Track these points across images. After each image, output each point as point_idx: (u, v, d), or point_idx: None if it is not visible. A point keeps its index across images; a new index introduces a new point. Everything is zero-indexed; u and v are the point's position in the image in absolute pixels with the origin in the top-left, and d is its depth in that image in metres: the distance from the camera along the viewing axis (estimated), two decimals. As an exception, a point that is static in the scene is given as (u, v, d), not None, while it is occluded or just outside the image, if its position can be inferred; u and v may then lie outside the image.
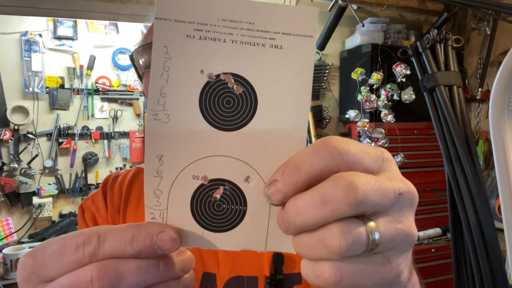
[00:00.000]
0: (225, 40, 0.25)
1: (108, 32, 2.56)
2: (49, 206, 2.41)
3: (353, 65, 2.25)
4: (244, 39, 0.26)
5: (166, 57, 0.25)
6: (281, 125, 0.26)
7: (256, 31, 0.25)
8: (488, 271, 1.37)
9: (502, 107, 1.12)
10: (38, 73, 2.37)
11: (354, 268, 0.24)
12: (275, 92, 0.26)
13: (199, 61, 0.26)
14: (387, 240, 0.24)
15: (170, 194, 0.27)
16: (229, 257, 0.59)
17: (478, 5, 1.55)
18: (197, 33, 0.25)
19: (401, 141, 2.10)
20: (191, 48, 0.25)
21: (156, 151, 0.26)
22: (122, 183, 0.68)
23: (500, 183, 1.12)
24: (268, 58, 0.26)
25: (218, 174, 0.27)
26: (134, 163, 2.63)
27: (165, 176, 0.27)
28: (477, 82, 2.45)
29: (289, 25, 0.26)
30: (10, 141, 2.33)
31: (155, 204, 0.27)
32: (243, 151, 0.27)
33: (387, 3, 2.34)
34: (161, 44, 0.25)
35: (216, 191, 0.27)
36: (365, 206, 0.23)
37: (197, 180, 0.27)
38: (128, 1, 1.88)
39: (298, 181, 0.24)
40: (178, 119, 0.26)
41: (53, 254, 0.25)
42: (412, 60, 1.62)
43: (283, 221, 0.25)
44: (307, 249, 0.24)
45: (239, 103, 0.26)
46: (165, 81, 0.26)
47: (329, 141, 0.24)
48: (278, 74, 0.26)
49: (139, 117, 2.65)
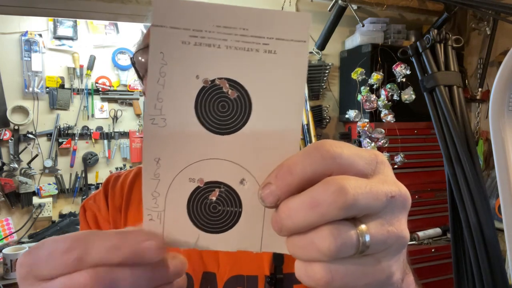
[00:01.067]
0: (220, 46, 0.26)
1: (108, 32, 2.56)
2: (49, 206, 2.41)
3: (353, 65, 2.25)
4: (239, 45, 0.26)
5: (162, 63, 0.26)
6: (275, 129, 0.27)
7: (250, 37, 0.26)
8: (488, 271, 1.37)
9: (502, 107, 1.12)
10: (38, 73, 2.37)
11: (346, 269, 0.24)
12: (269, 96, 0.27)
13: (194, 67, 0.26)
14: (378, 242, 0.24)
15: (167, 196, 0.28)
16: (229, 256, 0.59)
17: (478, 5, 1.55)
18: (193, 39, 0.26)
19: (401, 141, 2.10)
20: (186, 54, 0.26)
21: (153, 154, 0.27)
22: (124, 183, 0.68)
23: (500, 183, 1.12)
24: (262, 63, 0.26)
25: (214, 177, 0.28)
26: (134, 163, 2.64)
27: (162, 179, 0.27)
28: (477, 82, 2.45)
29: (282, 31, 0.26)
30: (10, 141, 2.33)
31: (153, 206, 0.28)
32: (238, 154, 0.27)
33: (387, 3, 2.34)
34: (157, 50, 0.26)
35: (212, 193, 0.28)
36: (355, 209, 0.24)
37: (193, 182, 0.28)
38: (128, 1, 1.88)
39: (291, 184, 0.25)
40: (174, 123, 0.27)
41: (45, 255, 0.26)
42: (412, 60, 1.62)
43: (276, 222, 0.25)
44: (299, 251, 0.25)
45: (234, 107, 0.27)
46: (162, 86, 0.26)
47: (321, 144, 0.25)
48: (272, 79, 0.27)
49: (139, 117, 2.65)
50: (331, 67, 2.47)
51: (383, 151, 2.01)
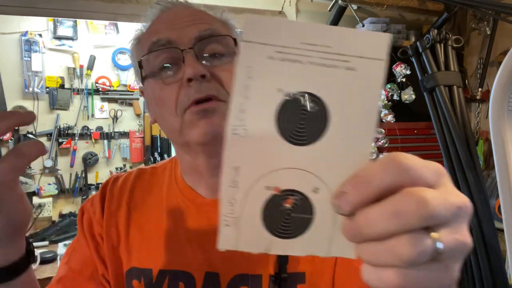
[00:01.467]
0: (303, 62, 0.28)
1: (108, 32, 2.56)
2: (49, 206, 2.41)
3: (353, 65, 2.24)
4: (321, 61, 0.28)
5: (248, 77, 0.28)
6: (349, 141, 0.28)
7: (332, 54, 0.27)
8: (488, 271, 1.37)
9: (502, 107, 1.13)
10: (38, 73, 2.37)
11: (417, 274, 0.26)
12: (346, 110, 0.28)
13: (278, 81, 0.28)
14: (448, 249, 0.26)
15: (244, 203, 0.29)
16: (233, 255, 0.59)
17: (478, 5, 1.55)
18: (279, 55, 0.27)
19: (401, 141, 2.10)
20: (271, 69, 0.28)
21: (233, 163, 0.29)
22: (123, 186, 0.68)
23: (500, 183, 1.12)
24: (342, 79, 0.28)
25: (289, 185, 0.29)
26: (134, 163, 2.64)
27: (240, 186, 0.29)
28: (477, 82, 2.45)
29: (363, 49, 0.28)
30: (10, 141, 2.33)
31: (230, 212, 0.29)
32: (313, 164, 0.29)
33: (387, 3, 2.34)
34: (245, 65, 0.28)
35: (286, 200, 0.29)
36: (434, 219, 0.25)
37: (269, 190, 0.29)
38: (128, 1, 1.88)
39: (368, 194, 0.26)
40: (254, 134, 0.28)
41: None
42: (412, 60, 1.62)
43: (351, 229, 0.27)
44: (373, 256, 0.27)
45: (312, 120, 0.28)
46: (246, 98, 0.28)
47: (396, 157, 0.26)
48: (350, 94, 0.28)
49: (139, 117, 2.65)
50: (331, 67, 2.46)
51: (383, 151, 2.01)
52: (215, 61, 0.57)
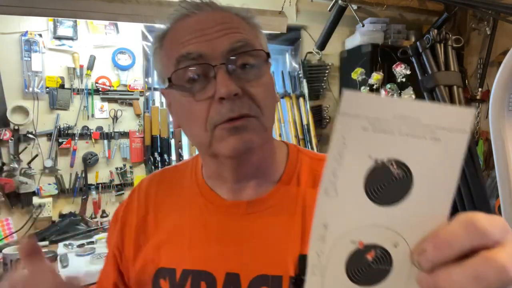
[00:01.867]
0: (394, 132, 0.30)
1: (108, 32, 2.56)
2: (49, 206, 2.41)
3: (353, 65, 2.25)
4: (410, 132, 0.30)
5: (343, 146, 0.30)
6: (430, 204, 0.31)
7: (420, 126, 0.30)
8: (488, 271, 1.37)
9: (502, 107, 1.13)
10: (38, 73, 2.37)
11: None
12: (428, 177, 0.31)
13: (369, 149, 0.31)
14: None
15: (330, 254, 0.32)
16: (254, 256, 0.59)
17: (478, 5, 1.55)
18: (371, 126, 0.30)
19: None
20: (364, 138, 0.30)
21: (323, 220, 0.32)
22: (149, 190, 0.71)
23: (500, 183, 1.12)
24: (427, 148, 0.30)
25: (372, 240, 0.32)
26: (134, 163, 2.63)
27: (327, 241, 0.32)
28: (477, 82, 2.45)
29: (449, 121, 0.30)
30: (10, 141, 2.33)
31: (317, 263, 0.33)
32: (395, 222, 0.32)
33: (387, 3, 2.35)
34: (341, 135, 0.30)
35: (368, 253, 0.32)
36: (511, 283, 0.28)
37: (354, 244, 0.32)
38: (128, 1, 1.88)
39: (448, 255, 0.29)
40: (344, 195, 0.31)
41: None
42: (412, 60, 1.62)
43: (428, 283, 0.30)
44: None
45: (398, 184, 0.31)
46: (339, 165, 0.31)
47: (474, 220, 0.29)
48: (433, 163, 0.30)
49: (139, 117, 2.65)
50: (331, 67, 2.47)
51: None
52: (247, 74, 0.56)
